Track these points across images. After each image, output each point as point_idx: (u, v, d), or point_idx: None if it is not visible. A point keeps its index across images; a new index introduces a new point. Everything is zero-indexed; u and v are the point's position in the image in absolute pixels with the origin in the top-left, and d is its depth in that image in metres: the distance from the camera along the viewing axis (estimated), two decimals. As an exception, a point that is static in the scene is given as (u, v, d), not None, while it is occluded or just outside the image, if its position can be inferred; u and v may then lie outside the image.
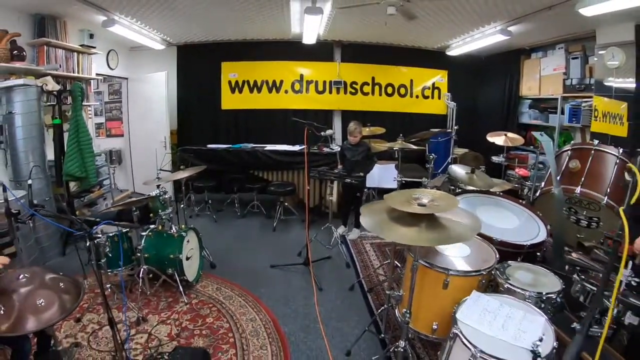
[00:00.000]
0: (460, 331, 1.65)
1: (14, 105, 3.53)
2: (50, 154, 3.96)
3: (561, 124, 5.01)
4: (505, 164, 4.96)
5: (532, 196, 3.80)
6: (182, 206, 3.92)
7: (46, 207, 3.38)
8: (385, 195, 2.05)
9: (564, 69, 5.00)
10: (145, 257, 3.13)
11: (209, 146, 5.63)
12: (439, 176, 4.14)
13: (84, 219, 2.79)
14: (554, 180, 2.92)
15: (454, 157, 5.58)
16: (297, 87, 6.41)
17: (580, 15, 3.45)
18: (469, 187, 3.36)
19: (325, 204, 5.18)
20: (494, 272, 2.14)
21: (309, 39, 5.32)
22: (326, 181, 4.94)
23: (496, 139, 4.45)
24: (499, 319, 1.69)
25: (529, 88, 5.74)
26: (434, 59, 6.45)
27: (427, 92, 6.64)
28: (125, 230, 3.06)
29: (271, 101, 6.41)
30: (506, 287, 2.01)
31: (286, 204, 5.18)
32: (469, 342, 1.57)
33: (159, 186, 3.60)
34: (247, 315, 2.98)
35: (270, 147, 5.52)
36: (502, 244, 2.51)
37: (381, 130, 5.68)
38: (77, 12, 4.02)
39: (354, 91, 6.50)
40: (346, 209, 4.80)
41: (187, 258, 3.29)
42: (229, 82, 6.34)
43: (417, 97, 6.63)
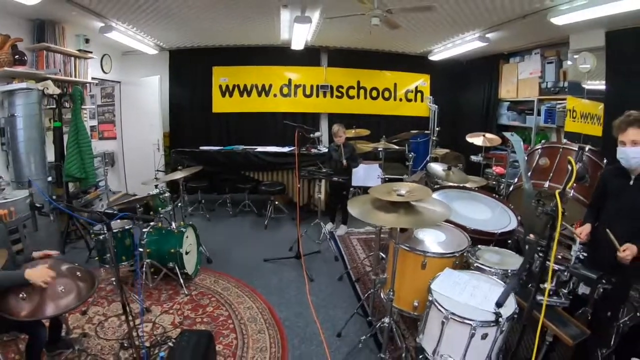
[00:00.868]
0: (434, 299, 1.92)
1: (16, 108, 3.67)
2: (50, 155, 4.09)
3: (537, 125, 5.30)
4: (484, 163, 5.25)
5: (506, 191, 4.12)
6: (180, 205, 4.10)
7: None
8: (370, 189, 2.33)
9: (540, 72, 5.28)
10: (147, 252, 3.32)
11: (201, 148, 5.80)
12: (417, 172, 4.44)
13: (102, 211, 2.98)
14: (523, 176, 3.21)
15: (434, 156, 5.88)
16: (285, 91, 6.64)
17: (553, 23, 3.69)
18: (446, 182, 3.66)
19: (314, 202, 5.41)
20: (465, 254, 2.42)
21: (297, 45, 5.53)
22: (314, 180, 5.17)
23: (475, 139, 4.76)
24: (468, 288, 1.98)
25: (507, 91, 6.03)
26: (416, 63, 6.75)
27: (410, 96, 6.94)
28: (128, 227, 3.26)
29: (261, 104, 6.62)
30: (476, 265, 2.30)
31: (276, 202, 5.41)
32: (441, 306, 1.85)
33: (157, 186, 3.79)
34: (244, 304, 3.19)
35: (260, 148, 5.72)
36: (475, 232, 2.79)
37: (366, 132, 5.97)
38: (76, 18, 4.13)
39: (340, 95, 6.75)
40: (334, 206, 5.05)
41: (186, 253, 3.48)
42: (220, 86, 6.54)
43: (401, 100, 6.92)
